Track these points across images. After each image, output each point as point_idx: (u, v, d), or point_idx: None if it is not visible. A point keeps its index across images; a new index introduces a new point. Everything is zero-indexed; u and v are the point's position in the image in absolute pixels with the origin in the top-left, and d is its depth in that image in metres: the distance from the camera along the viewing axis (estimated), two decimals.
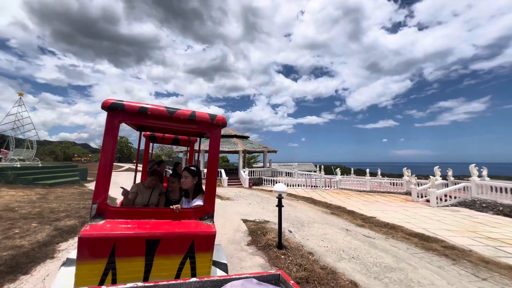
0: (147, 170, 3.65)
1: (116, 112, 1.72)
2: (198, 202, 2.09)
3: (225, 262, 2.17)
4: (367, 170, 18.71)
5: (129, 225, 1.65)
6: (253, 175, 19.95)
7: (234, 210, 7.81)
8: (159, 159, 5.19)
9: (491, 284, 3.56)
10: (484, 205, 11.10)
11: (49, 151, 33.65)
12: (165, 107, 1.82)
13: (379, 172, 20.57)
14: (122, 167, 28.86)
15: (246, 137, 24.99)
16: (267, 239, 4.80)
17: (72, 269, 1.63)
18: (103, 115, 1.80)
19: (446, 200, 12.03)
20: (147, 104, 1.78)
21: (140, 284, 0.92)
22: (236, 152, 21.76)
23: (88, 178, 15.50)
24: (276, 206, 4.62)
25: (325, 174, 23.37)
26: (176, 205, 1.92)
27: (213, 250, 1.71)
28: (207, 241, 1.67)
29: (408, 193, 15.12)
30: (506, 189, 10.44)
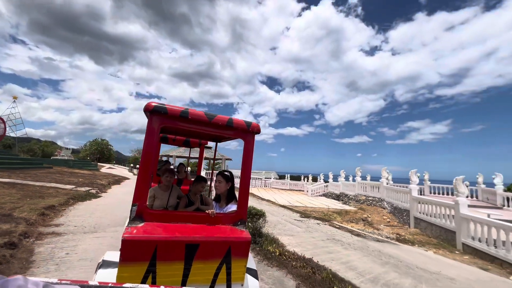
0: (157, 171, 3.67)
1: (158, 115, 1.70)
2: (233, 208, 2.11)
3: (254, 268, 2.15)
4: (287, 176, 27.72)
5: (168, 229, 1.64)
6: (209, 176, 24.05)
7: None
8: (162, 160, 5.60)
9: None
10: (330, 194, 19.24)
11: (27, 149, 35.33)
12: (204, 112, 1.82)
13: (302, 177, 27.69)
14: (104, 166, 32.92)
15: (209, 147, 25.05)
16: None
17: (110, 271, 1.65)
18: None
19: (318, 193, 20.04)
20: (187, 108, 1.79)
21: None
22: (196, 158, 23.22)
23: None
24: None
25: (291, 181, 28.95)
26: (212, 210, 1.94)
27: (248, 256, 1.72)
28: (244, 247, 1.69)
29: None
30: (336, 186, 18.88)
